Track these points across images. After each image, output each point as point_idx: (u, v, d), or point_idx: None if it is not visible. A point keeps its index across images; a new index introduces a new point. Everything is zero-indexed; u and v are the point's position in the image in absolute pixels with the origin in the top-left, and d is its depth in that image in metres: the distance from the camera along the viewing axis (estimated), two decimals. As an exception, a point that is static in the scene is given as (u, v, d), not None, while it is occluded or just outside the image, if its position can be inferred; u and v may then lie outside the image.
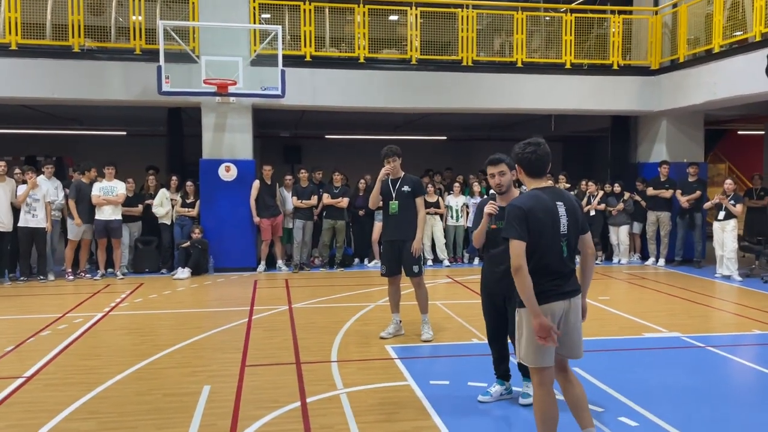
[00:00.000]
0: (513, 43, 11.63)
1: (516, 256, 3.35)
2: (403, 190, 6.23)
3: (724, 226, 10.25)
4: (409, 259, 6.22)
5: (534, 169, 3.55)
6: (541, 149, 3.53)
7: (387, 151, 6.27)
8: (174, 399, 4.75)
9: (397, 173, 6.31)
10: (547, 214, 3.43)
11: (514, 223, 3.39)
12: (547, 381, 3.46)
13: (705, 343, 6.36)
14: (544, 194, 3.50)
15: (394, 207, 6.23)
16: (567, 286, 3.49)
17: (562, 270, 3.48)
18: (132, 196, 10.64)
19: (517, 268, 3.35)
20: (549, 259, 3.43)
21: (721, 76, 10.14)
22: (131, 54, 10.49)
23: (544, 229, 3.41)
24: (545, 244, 3.42)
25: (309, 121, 14.94)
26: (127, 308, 8.00)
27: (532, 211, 3.40)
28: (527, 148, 3.55)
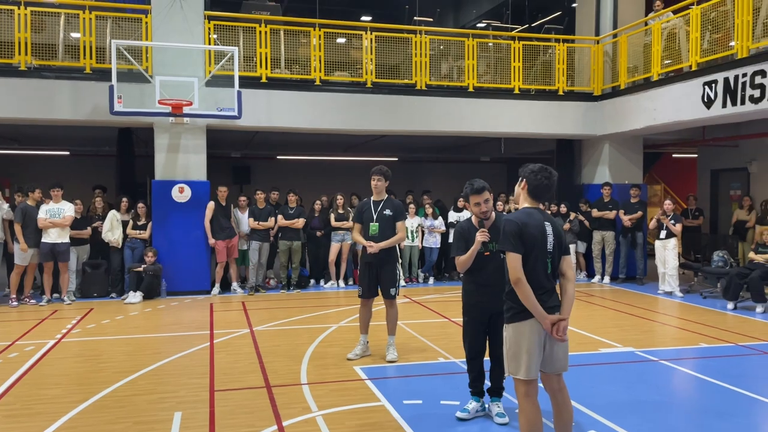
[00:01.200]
0: (464, 68, 11.99)
1: (514, 269, 3.56)
2: (384, 213, 6.31)
3: (665, 244, 10.79)
4: (387, 281, 6.29)
5: (539, 194, 3.78)
6: (552, 179, 3.76)
7: (374, 168, 6.34)
8: (146, 427, 4.63)
9: (381, 195, 6.38)
10: (538, 230, 3.65)
11: (511, 237, 3.59)
12: (532, 393, 3.62)
13: (658, 357, 6.68)
14: (537, 213, 3.73)
15: (374, 228, 6.30)
16: (550, 301, 3.67)
17: (546, 285, 3.68)
18: (80, 219, 10.31)
19: (517, 279, 3.54)
20: (537, 274, 3.63)
21: (661, 102, 10.74)
22: (81, 73, 10.23)
23: (534, 245, 3.62)
24: (534, 259, 3.62)
25: (259, 141, 14.87)
26: (80, 334, 7.72)
27: (527, 226, 3.62)
28: (543, 173, 3.75)
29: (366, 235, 6.36)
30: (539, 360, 3.64)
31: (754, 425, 4.75)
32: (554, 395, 3.77)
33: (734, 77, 9.11)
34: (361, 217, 6.46)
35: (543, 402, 3.76)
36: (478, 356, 4.90)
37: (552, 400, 3.78)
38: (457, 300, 10.14)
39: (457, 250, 4.83)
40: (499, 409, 4.80)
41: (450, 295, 10.66)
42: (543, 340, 3.63)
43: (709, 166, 14.82)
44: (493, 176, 17.31)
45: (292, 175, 16.62)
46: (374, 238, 6.28)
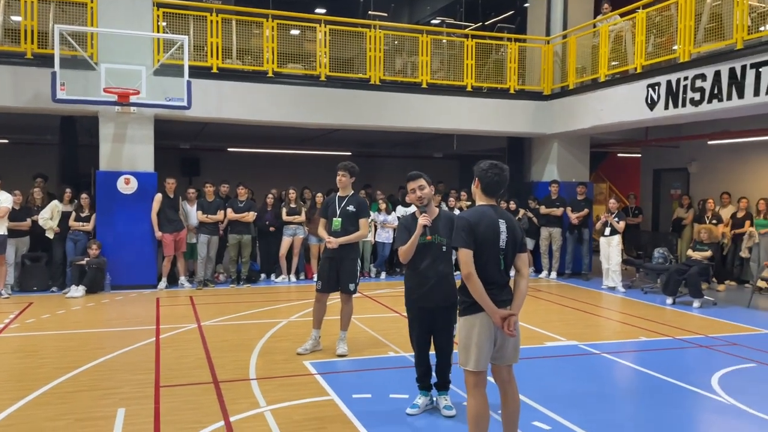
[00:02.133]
0: (417, 64, 12.05)
1: (465, 264, 3.63)
2: (348, 209, 6.29)
3: (609, 241, 11.13)
4: (347, 276, 6.28)
5: (492, 190, 3.83)
6: (503, 174, 3.80)
7: (340, 164, 6.33)
8: (88, 424, 4.51)
9: (346, 191, 6.37)
10: (490, 228, 3.70)
11: (463, 233, 3.66)
12: (481, 384, 3.70)
13: (600, 349, 6.89)
14: (490, 210, 3.77)
15: (336, 224, 6.28)
16: (502, 295, 3.75)
17: (498, 281, 3.74)
18: (19, 210, 9.92)
19: (468, 274, 3.61)
20: (488, 269, 3.69)
21: (607, 103, 11.05)
22: (21, 58, 9.82)
23: (486, 242, 3.68)
24: (486, 255, 3.68)
25: (210, 133, 14.60)
26: (19, 329, 7.45)
27: (478, 224, 3.69)
28: (493, 169, 3.79)
29: (329, 231, 6.35)
30: (489, 353, 3.70)
31: (689, 415, 4.96)
32: (503, 387, 3.84)
33: (676, 80, 9.45)
34: (326, 211, 6.46)
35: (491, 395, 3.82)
36: (424, 350, 4.95)
37: (501, 391, 3.85)
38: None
39: (399, 241, 4.89)
40: (447, 402, 4.87)
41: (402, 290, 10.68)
42: (494, 333, 3.70)
43: (651, 165, 15.34)
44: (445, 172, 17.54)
45: (243, 167, 16.39)
46: (336, 233, 6.27)
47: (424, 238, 4.73)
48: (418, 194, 4.77)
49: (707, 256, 10.05)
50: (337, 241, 6.21)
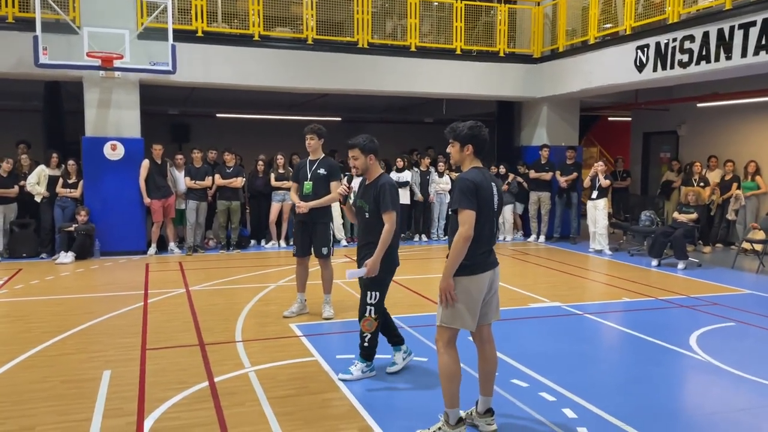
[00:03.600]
0: (405, 27, 11.90)
1: (470, 226, 3.54)
2: (318, 173, 6.28)
3: (596, 204, 11.18)
4: (319, 241, 6.31)
5: (483, 148, 3.76)
6: (486, 132, 3.76)
7: (307, 127, 6.31)
8: (73, 385, 4.58)
9: (316, 154, 6.34)
10: (488, 190, 3.68)
11: (468, 194, 3.56)
12: (454, 341, 3.74)
13: (582, 310, 6.99)
14: (485, 173, 3.74)
15: (307, 187, 6.28)
16: (491, 257, 3.79)
17: (490, 243, 3.77)
18: (6, 177, 9.88)
19: (469, 237, 3.54)
20: (485, 232, 3.68)
21: (596, 65, 10.97)
22: (3, 22, 9.65)
23: (486, 204, 3.65)
24: (484, 218, 3.65)
25: (199, 98, 14.49)
26: (7, 295, 7.50)
27: (481, 185, 3.63)
28: (482, 129, 3.73)
29: (300, 195, 6.35)
30: (476, 313, 3.73)
31: (664, 373, 5.06)
32: (483, 345, 3.90)
33: (665, 42, 9.39)
34: (297, 176, 6.46)
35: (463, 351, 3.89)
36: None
37: (480, 350, 3.91)
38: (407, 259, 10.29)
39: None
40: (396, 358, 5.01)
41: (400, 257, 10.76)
42: (484, 294, 3.74)
43: (641, 129, 15.32)
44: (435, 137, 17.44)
45: (233, 133, 16.26)
46: (308, 197, 6.27)
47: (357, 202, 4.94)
48: (352, 164, 4.88)
49: (693, 219, 10.13)
50: (307, 205, 6.21)
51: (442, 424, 3.76)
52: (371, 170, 4.87)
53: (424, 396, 4.47)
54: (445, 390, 3.73)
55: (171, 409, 4.18)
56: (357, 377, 4.76)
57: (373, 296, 4.78)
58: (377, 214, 4.76)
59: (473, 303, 3.70)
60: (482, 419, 3.92)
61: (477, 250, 3.66)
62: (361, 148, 4.79)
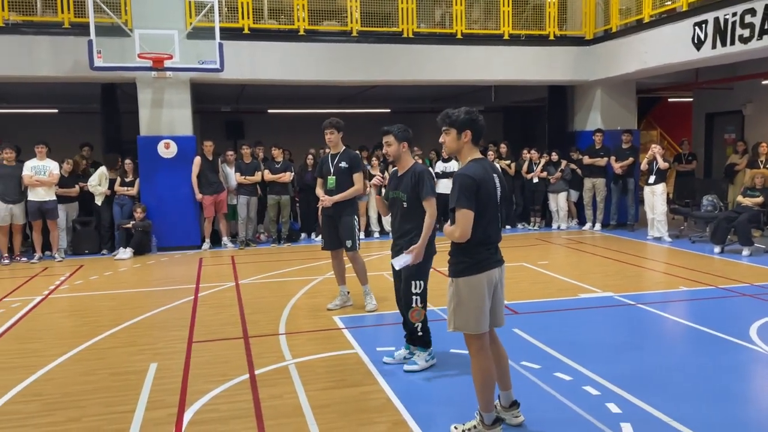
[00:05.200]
0: (453, 14, 11.71)
1: (466, 227, 3.38)
2: (340, 166, 6.26)
3: (654, 189, 10.73)
4: (344, 234, 6.29)
5: (480, 136, 3.57)
6: (482, 118, 3.58)
7: (326, 122, 6.29)
8: (120, 377, 4.73)
9: (337, 148, 6.33)
10: (490, 185, 3.49)
11: (467, 192, 3.38)
12: (486, 345, 3.59)
13: (636, 300, 6.72)
14: (486, 164, 3.55)
15: (331, 182, 6.28)
16: (498, 254, 3.62)
17: (497, 239, 3.60)
18: (68, 177, 10.31)
19: (464, 238, 3.40)
20: (491, 228, 3.52)
21: (652, 45, 10.50)
22: (60, 28, 10.05)
23: (489, 200, 3.47)
24: (489, 214, 3.48)
25: (250, 95, 14.72)
26: (67, 290, 7.83)
27: (484, 181, 3.44)
28: (478, 115, 3.54)
29: (324, 189, 6.35)
30: (488, 314, 3.57)
31: (720, 365, 4.80)
32: (493, 343, 3.74)
33: (724, 17, 8.87)
34: (321, 171, 6.46)
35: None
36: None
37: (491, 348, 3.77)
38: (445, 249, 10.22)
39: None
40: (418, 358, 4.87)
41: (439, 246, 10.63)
42: (491, 293, 3.59)
43: (704, 109, 14.62)
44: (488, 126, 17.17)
45: (284, 128, 16.49)
46: (332, 191, 6.27)
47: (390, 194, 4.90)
48: (385, 150, 4.87)
49: (758, 203, 9.58)
50: (331, 199, 6.21)
51: (478, 423, 3.66)
52: (403, 159, 4.84)
53: (460, 390, 4.39)
54: (479, 394, 3.61)
55: (211, 401, 4.26)
56: (422, 367, 4.76)
57: (418, 285, 4.79)
58: (415, 202, 4.73)
59: (482, 303, 3.52)
60: (509, 412, 3.82)
61: (481, 247, 3.50)
62: (395, 135, 4.81)
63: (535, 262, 8.82)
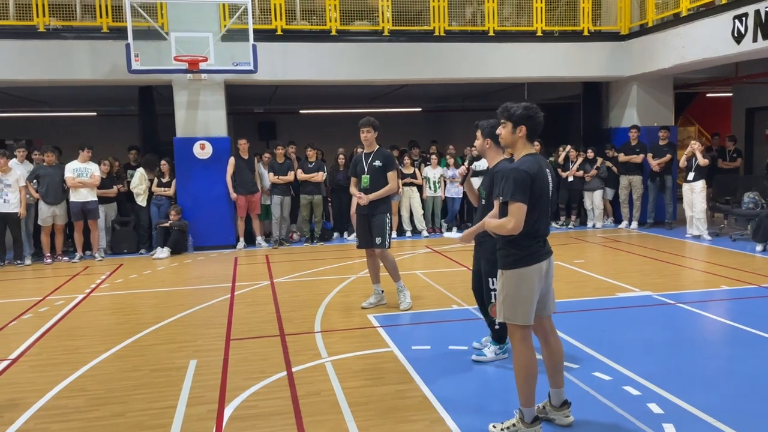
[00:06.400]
0: (484, 12, 11.64)
1: (520, 220, 3.41)
2: (374, 165, 6.30)
3: (692, 187, 10.50)
4: (375, 231, 6.33)
5: (536, 132, 3.61)
6: (542, 115, 3.61)
7: (362, 120, 6.34)
8: (161, 374, 4.83)
9: (371, 147, 6.37)
10: (544, 181, 3.54)
11: (522, 186, 3.42)
12: (529, 337, 3.61)
13: (675, 300, 6.60)
14: (539, 160, 3.59)
15: (365, 181, 6.32)
16: (547, 246, 3.66)
17: (546, 233, 3.64)
18: (106, 178, 10.55)
19: (516, 230, 3.42)
20: (542, 222, 3.56)
21: (689, 39, 10.28)
22: (98, 32, 10.29)
23: (542, 194, 3.52)
24: (541, 208, 3.52)
25: (283, 96, 14.86)
26: (108, 289, 8.01)
27: (538, 176, 3.48)
28: (538, 111, 3.57)
29: (359, 188, 6.41)
30: (534, 305, 3.60)
31: (763, 365, 4.68)
32: (546, 337, 3.76)
33: (765, 9, 8.64)
34: (354, 170, 6.51)
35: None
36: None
37: (543, 341, 3.77)
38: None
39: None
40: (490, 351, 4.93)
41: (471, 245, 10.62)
42: (541, 284, 3.62)
43: (744, 104, 14.27)
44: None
45: (316, 128, 16.61)
46: (366, 190, 6.32)
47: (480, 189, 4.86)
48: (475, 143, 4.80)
49: (803, 200, 9.31)
50: (367, 198, 6.26)
51: (517, 421, 3.64)
52: (489, 156, 4.64)
53: (498, 389, 4.38)
54: (521, 388, 3.60)
55: (250, 398, 4.32)
56: (490, 359, 4.85)
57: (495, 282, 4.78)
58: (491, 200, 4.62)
59: (532, 295, 3.56)
60: (559, 412, 3.78)
61: (533, 241, 3.54)
62: (481, 130, 4.67)
63: (571, 261, 8.72)
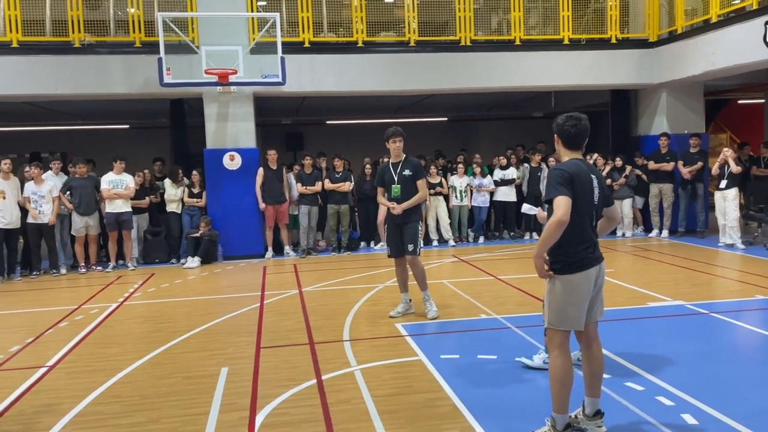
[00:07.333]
0: (510, 20, 11.65)
1: (566, 210, 3.39)
2: (404, 174, 6.35)
3: (725, 195, 10.33)
4: (408, 238, 6.38)
5: (571, 142, 3.70)
6: (581, 124, 3.68)
7: (393, 130, 6.38)
8: (194, 381, 4.91)
9: (399, 156, 6.42)
10: (586, 182, 3.58)
11: (562, 183, 3.48)
12: (567, 344, 3.63)
13: (708, 309, 6.49)
14: (582, 164, 3.65)
15: (396, 190, 6.36)
16: (596, 252, 3.66)
17: (593, 239, 3.64)
18: (139, 189, 10.76)
19: (563, 222, 3.39)
20: (581, 226, 3.56)
21: (720, 45, 10.16)
22: (131, 47, 10.55)
23: (583, 195, 3.55)
24: (581, 211, 3.54)
25: (310, 107, 15.02)
26: (141, 298, 8.16)
27: (578, 176, 3.54)
28: (568, 121, 3.69)
29: (389, 198, 6.46)
30: (584, 312, 3.63)
31: (803, 377, 4.59)
32: (589, 345, 3.75)
33: (799, 13, 8.51)
34: (382, 180, 6.55)
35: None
36: None
37: (586, 349, 3.76)
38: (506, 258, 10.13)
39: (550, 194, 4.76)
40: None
41: (499, 254, 10.62)
42: (590, 291, 3.63)
43: (777, 111, 13.98)
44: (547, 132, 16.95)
45: (342, 139, 16.73)
46: (397, 199, 6.38)
47: None
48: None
49: (841, 207, 9.09)
50: (401, 207, 6.31)
51: (549, 428, 3.64)
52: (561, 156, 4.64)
53: (528, 397, 4.35)
54: (555, 394, 3.61)
55: (281, 405, 4.36)
56: (537, 366, 4.81)
57: None
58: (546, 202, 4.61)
59: (580, 301, 3.59)
60: (592, 422, 3.76)
61: (578, 246, 3.56)
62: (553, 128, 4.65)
63: (600, 270, 8.64)
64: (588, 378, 3.78)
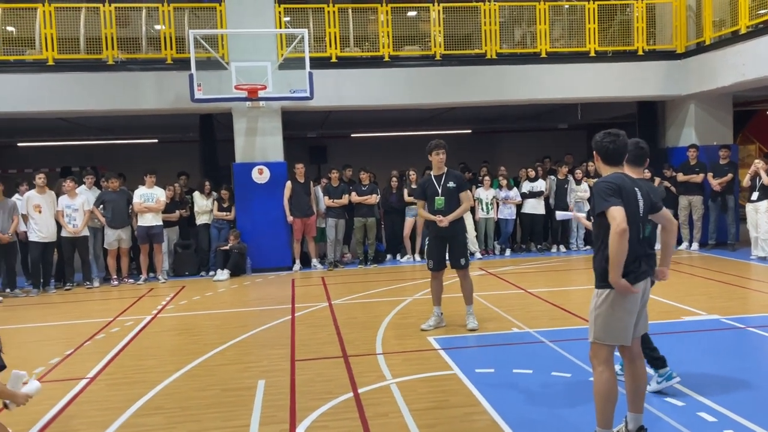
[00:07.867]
0: (536, 33, 11.69)
1: (622, 217, 3.40)
2: (448, 186, 6.40)
3: (757, 207, 10.21)
4: (457, 252, 6.41)
5: (610, 158, 3.72)
6: (619, 140, 3.69)
7: (436, 143, 6.42)
8: (232, 393, 4.96)
9: (441, 169, 6.46)
10: (631, 195, 3.59)
11: (610, 193, 3.50)
12: (612, 359, 3.63)
13: (745, 324, 6.41)
14: (625, 177, 3.67)
15: (440, 203, 6.40)
16: (644, 265, 3.66)
17: (639, 252, 3.63)
18: (169, 202, 10.93)
19: (623, 231, 3.39)
20: (632, 239, 3.52)
21: (750, 57, 10.08)
22: (163, 64, 10.77)
23: (629, 207, 3.54)
24: (629, 222, 3.50)
25: (334, 120, 15.14)
26: (173, 310, 8.27)
27: (623, 187, 3.56)
28: (606, 138, 3.71)
29: (431, 210, 6.46)
30: (630, 326, 3.62)
31: None
32: (633, 360, 3.74)
33: (832, 24, 8.42)
34: (424, 193, 6.58)
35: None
36: None
37: (629, 363, 3.75)
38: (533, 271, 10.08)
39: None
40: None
41: (527, 267, 10.57)
42: (637, 306, 3.62)
43: (808, 121, 13.78)
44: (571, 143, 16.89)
45: (367, 151, 16.81)
46: (441, 211, 6.39)
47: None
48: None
49: None
50: (448, 219, 6.33)
51: (592, 442, 3.63)
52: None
53: (566, 413, 4.33)
54: (600, 409, 3.60)
55: (320, 418, 4.40)
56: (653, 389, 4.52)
57: None
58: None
59: (627, 316, 3.59)
60: (635, 438, 3.74)
61: (626, 261, 3.51)
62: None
63: (631, 284, 8.56)
64: (630, 394, 3.77)
